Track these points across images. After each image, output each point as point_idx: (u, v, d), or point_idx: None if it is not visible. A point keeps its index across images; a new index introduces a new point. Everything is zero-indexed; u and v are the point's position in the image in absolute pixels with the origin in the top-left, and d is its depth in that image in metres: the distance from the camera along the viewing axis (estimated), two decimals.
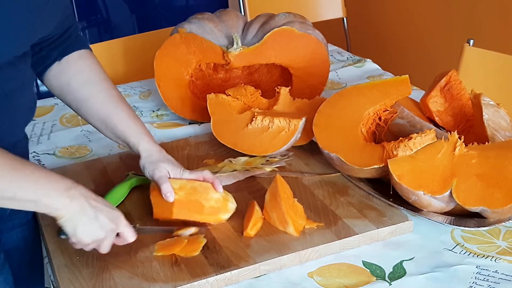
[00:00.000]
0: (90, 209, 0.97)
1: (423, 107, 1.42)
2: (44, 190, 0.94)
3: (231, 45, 1.56)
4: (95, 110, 1.18)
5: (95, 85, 1.18)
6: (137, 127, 1.17)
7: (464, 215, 1.14)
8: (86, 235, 0.98)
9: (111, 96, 1.18)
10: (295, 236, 1.10)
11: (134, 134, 1.16)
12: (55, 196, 0.94)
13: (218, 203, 1.13)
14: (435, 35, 2.88)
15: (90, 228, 0.98)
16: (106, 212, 0.99)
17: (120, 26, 3.68)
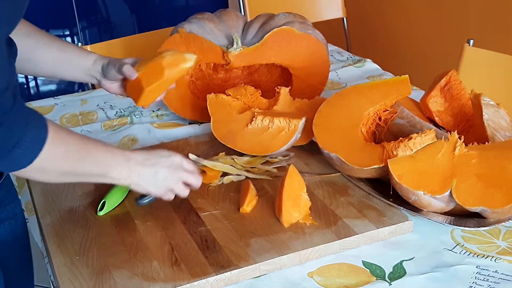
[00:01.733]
0: (148, 171, 1.07)
1: (423, 107, 1.42)
2: (109, 165, 1.03)
3: (231, 45, 1.56)
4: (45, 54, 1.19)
5: (37, 32, 1.19)
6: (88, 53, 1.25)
7: (464, 215, 1.14)
8: (156, 190, 1.10)
9: (53, 38, 1.22)
10: (295, 236, 1.10)
11: (89, 53, 1.24)
12: (117, 169, 1.04)
13: (174, 56, 1.22)
14: (435, 35, 2.87)
15: (156, 184, 1.08)
16: (163, 165, 1.09)
17: (120, 26, 3.68)
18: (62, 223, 1.18)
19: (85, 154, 0.99)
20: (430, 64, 2.89)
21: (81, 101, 1.79)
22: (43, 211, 1.22)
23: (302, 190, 1.16)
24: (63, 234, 1.14)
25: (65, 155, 0.96)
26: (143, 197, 1.15)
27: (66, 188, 1.29)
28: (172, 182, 1.10)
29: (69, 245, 1.11)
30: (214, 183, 1.28)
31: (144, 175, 1.07)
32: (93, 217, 1.19)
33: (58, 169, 0.97)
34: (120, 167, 1.04)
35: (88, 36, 3.57)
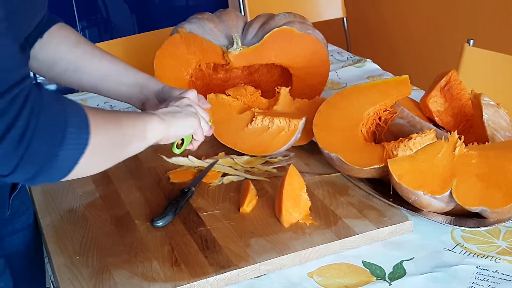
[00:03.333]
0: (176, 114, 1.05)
1: (423, 107, 1.42)
2: (144, 123, 0.98)
3: (231, 45, 1.56)
4: (95, 64, 1.16)
5: (87, 44, 1.17)
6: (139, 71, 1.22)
7: (464, 215, 1.14)
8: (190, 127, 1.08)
9: (103, 51, 1.19)
10: (295, 236, 1.10)
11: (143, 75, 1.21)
12: (151, 123, 0.99)
13: None
14: (435, 35, 2.88)
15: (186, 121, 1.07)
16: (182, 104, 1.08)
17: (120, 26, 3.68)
18: (62, 223, 1.18)
19: (120, 119, 0.93)
20: (430, 64, 2.89)
21: (81, 101, 1.79)
22: (43, 211, 1.22)
23: (302, 190, 1.16)
24: (63, 234, 1.14)
25: (107, 121, 0.88)
26: (159, 219, 1.14)
27: (66, 188, 1.29)
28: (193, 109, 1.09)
29: (69, 245, 1.11)
30: (214, 183, 1.28)
31: (171, 112, 1.05)
32: (93, 217, 1.19)
33: (109, 141, 0.88)
34: (151, 116, 1.00)
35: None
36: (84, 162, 0.82)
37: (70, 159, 0.80)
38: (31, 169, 0.77)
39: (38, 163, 0.77)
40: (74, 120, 0.80)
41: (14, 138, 0.73)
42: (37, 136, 0.75)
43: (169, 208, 1.17)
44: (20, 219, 1.19)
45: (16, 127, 0.73)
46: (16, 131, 0.73)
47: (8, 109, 0.73)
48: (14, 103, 0.74)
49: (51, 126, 0.77)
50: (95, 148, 0.83)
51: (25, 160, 0.75)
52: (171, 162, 1.36)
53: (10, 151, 0.74)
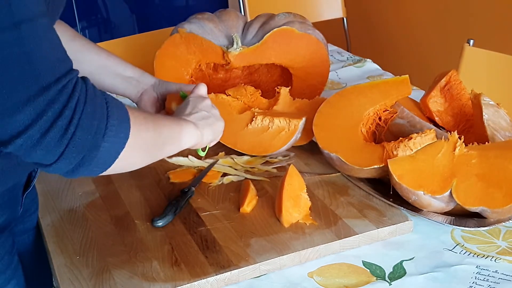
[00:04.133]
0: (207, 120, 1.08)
1: (423, 107, 1.42)
2: (178, 124, 1.01)
3: (231, 45, 1.56)
4: (92, 56, 1.19)
5: (83, 38, 1.20)
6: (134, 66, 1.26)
7: (464, 215, 1.14)
8: (218, 133, 1.12)
9: (99, 46, 1.23)
10: (295, 236, 1.10)
11: (138, 69, 1.25)
12: (186, 129, 1.02)
13: None
14: (435, 35, 2.88)
15: (215, 128, 1.10)
16: (204, 105, 1.11)
17: (120, 26, 3.68)
18: (62, 223, 1.18)
19: (156, 121, 0.95)
20: (430, 64, 2.89)
21: None
22: (43, 211, 1.22)
23: (302, 190, 1.16)
24: (63, 234, 1.14)
25: (146, 121, 0.90)
26: (159, 219, 1.14)
27: (66, 188, 1.29)
28: (216, 111, 1.13)
29: (69, 245, 1.11)
30: (214, 183, 1.28)
31: (202, 119, 1.07)
32: (93, 217, 1.19)
33: (147, 140, 0.90)
34: (185, 122, 1.03)
35: (88, 36, 3.57)
36: (124, 156, 0.84)
37: (111, 152, 0.82)
38: (75, 159, 0.79)
39: (82, 153, 0.79)
40: (116, 113, 0.82)
41: (61, 127, 0.76)
42: (82, 126, 0.77)
43: (169, 208, 1.17)
44: (31, 217, 1.20)
45: (64, 116, 0.76)
46: (64, 120, 0.76)
47: (58, 98, 0.75)
48: (63, 92, 0.76)
49: (95, 117, 0.79)
50: (135, 143, 0.85)
51: (70, 149, 0.77)
52: (171, 162, 1.36)
53: (57, 139, 0.76)
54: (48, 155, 0.78)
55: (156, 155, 0.96)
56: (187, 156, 1.35)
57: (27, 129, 0.75)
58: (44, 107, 0.75)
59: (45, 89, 0.75)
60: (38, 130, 0.75)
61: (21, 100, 0.74)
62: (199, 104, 1.11)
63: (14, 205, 1.09)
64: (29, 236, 1.21)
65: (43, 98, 0.74)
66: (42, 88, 0.74)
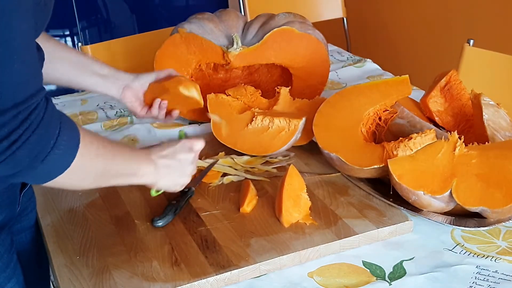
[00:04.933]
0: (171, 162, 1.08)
1: (423, 107, 1.42)
2: (137, 161, 1.03)
3: (231, 45, 1.56)
4: (66, 54, 1.21)
5: (55, 40, 1.21)
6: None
7: (464, 215, 1.14)
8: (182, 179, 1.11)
9: (71, 47, 1.26)
10: (295, 236, 1.10)
11: (111, 67, 1.27)
12: (145, 165, 1.04)
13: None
14: (435, 35, 2.87)
15: (182, 173, 1.10)
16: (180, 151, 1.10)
17: (120, 26, 3.68)
18: (62, 223, 1.18)
19: (115, 153, 0.99)
20: (430, 64, 2.89)
21: (81, 101, 1.79)
22: (43, 211, 1.22)
23: (302, 190, 1.16)
24: (63, 234, 1.14)
25: (97, 154, 0.94)
26: (159, 219, 1.14)
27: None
28: (191, 168, 1.12)
29: (69, 245, 1.11)
30: (214, 183, 1.28)
31: (168, 167, 1.07)
32: (93, 217, 1.19)
33: (93, 170, 0.94)
34: (147, 162, 1.04)
35: (88, 36, 3.57)
36: (60, 180, 0.88)
37: (47, 175, 0.87)
38: (10, 171, 0.84)
39: (17, 169, 0.83)
40: (64, 144, 0.85)
41: (3, 146, 0.80)
42: (23, 149, 0.81)
43: (169, 208, 1.17)
44: (28, 216, 1.20)
45: (8, 139, 0.79)
46: (6, 142, 0.79)
47: (10, 123, 0.79)
48: (17, 118, 0.79)
49: (39, 145, 0.83)
50: (76, 172, 0.89)
51: (6, 163, 0.81)
52: None
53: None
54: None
55: (101, 184, 1.00)
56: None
57: None
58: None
59: (2, 112, 0.78)
60: None
61: None
62: (179, 154, 1.10)
63: (12, 204, 1.09)
64: (27, 235, 1.21)
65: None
66: (0, 111, 0.78)
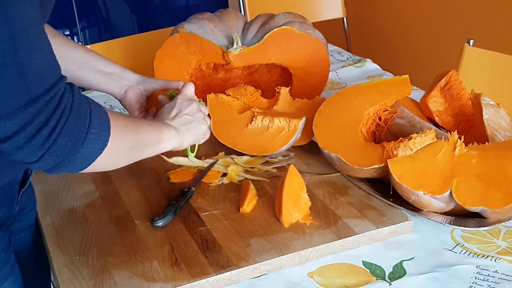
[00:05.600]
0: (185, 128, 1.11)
1: (423, 107, 1.42)
2: (159, 129, 1.06)
3: (231, 45, 1.56)
4: (71, 54, 1.20)
5: (62, 36, 1.20)
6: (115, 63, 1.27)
7: (464, 215, 1.14)
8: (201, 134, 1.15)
9: (78, 44, 1.25)
10: (295, 236, 1.10)
11: (119, 65, 1.26)
12: (167, 130, 1.07)
13: None
14: (435, 35, 2.87)
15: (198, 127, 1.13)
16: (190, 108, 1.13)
17: (120, 26, 3.68)
18: (62, 223, 1.18)
19: (139, 124, 1.01)
20: (430, 64, 2.89)
21: None
22: (43, 211, 1.22)
23: (302, 190, 1.16)
24: (63, 234, 1.14)
25: (126, 128, 0.96)
26: (159, 219, 1.15)
27: (66, 188, 1.29)
28: (201, 114, 1.15)
29: (69, 245, 1.11)
30: (214, 183, 1.28)
31: (185, 124, 1.10)
32: (93, 217, 1.19)
33: (125, 144, 0.96)
34: (167, 127, 1.07)
35: (88, 36, 3.57)
36: (101, 160, 0.89)
37: (89, 156, 0.88)
38: (54, 160, 0.84)
39: (61, 156, 0.84)
40: (97, 122, 0.87)
41: (45, 135, 0.81)
42: (64, 134, 0.82)
43: (169, 208, 1.17)
44: (27, 216, 1.20)
45: (49, 125, 0.81)
46: (48, 129, 0.81)
47: (45, 109, 0.80)
48: (50, 103, 0.81)
49: (76, 126, 0.84)
50: (113, 149, 0.91)
51: (50, 153, 0.82)
52: (171, 162, 1.36)
53: (39, 144, 0.81)
54: (30, 157, 0.83)
55: (134, 158, 1.01)
56: (187, 156, 1.35)
57: (13, 135, 0.80)
58: (32, 117, 0.79)
59: (34, 100, 0.79)
60: (24, 136, 0.80)
61: (11, 110, 0.78)
62: (184, 107, 1.13)
63: (10, 203, 1.09)
64: (26, 235, 1.21)
65: (32, 109, 0.79)
66: (32, 100, 0.79)
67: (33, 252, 1.24)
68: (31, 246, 1.23)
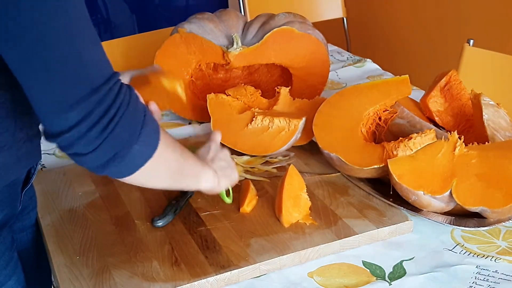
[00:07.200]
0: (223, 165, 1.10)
1: (423, 107, 1.42)
2: (201, 166, 1.04)
3: (231, 45, 1.56)
4: None
5: None
6: None
7: (464, 215, 1.14)
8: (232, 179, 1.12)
9: None
10: (295, 236, 1.10)
11: None
12: (206, 170, 1.05)
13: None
14: (435, 35, 2.87)
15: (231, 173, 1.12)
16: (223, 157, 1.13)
17: (120, 26, 3.68)
18: (62, 223, 1.18)
19: (183, 150, 0.99)
20: (430, 64, 2.89)
21: None
22: (43, 211, 1.22)
23: (302, 190, 1.16)
24: (63, 234, 1.14)
25: (173, 147, 0.94)
26: (159, 219, 1.15)
27: (66, 188, 1.29)
28: (232, 160, 1.15)
29: (69, 245, 1.11)
30: None
31: (220, 168, 1.09)
32: (93, 217, 1.19)
33: (168, 169, 0.94)
34: (206, 167, 1.05)
35: None
36: (150, 166, 0.88)
37: (141, 155, 0.87)
38: (108, 153, 0.84)
39: (116, 149, 0.84)
40: (150, 122, 0.87)
41: (104, 123, 0.81)
42: (122, 124, 0.83)
43: (169, 208, 1.17)
44: (29, 215, 1.20)
45: (109, 114, 0.81)
46: (107, 118, 0.81)
47: (106, 98, 0.81)
48: (110, 93, 0.82)
49: (134, 118, 0.85)
50: (161, 158, 0.89)
51: (107, 142, 0.82)
52: None
53: (98, 133, 0.81)
54: (88, 147, 0.83)
55: (176, 181, 0.99)
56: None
57: (77, 125, 0.80)
58: (94, 106, 0.80)
59: (96, 89, 0.80)
60: (86, 126, 0.80)
61: (74, 100, 0.79)
62: (219, 153, 1.13)
63: (13, 202, 1.09)
64: (28, 234, 1.21)
65: (94, 99, 0.80)
66: (94, 89, 0.80)
67: (34, 252, 1.24)
68: (32, 246, 1.23)
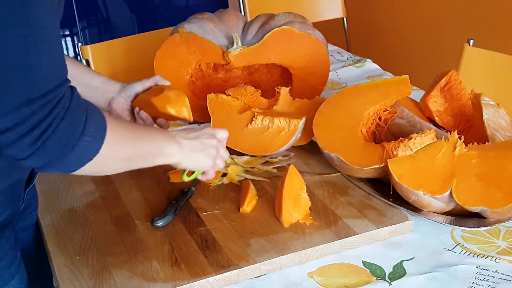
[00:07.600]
0: (195, 143, 1.09)
1: (423, 107, 1.42)
2: (162, 142, 1.04)
3: (231, 45, 1.56)
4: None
5: None
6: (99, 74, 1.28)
7: (464, 215, 1.14)
8: (206, 161, 1.11)
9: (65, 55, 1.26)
10: (295, 236, 1.10)
11: (103, 77, 1.26)
12: (170, 145, 1.04)
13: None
14: (435, 35, 2.87)
15: (205, 154, 1.10)
16: (205, 136, 1.11)
17: (120, 26, 3.68)
18: (62, 223, 1.18)
19: (140, 135, 1.00)
20: (430, 64, 2.89)
21: None
22: (43, 211, 1.22)
23: (302, 190, 1.16)
24: (63, 234, 1.14)
25: (124, 138, 0.95)
26: (159, 219, 1.15)
27: (66, 188, 1.29)
28: (215, 152, 1.12)
29: (69, 245, 1.11)
30: (214, 183, 1.28)
31: (192, 147, 1.08)
32: (93, 217, 1.19)
33: (121, 154, 0.95)
34: (171, 143, 1.05)
35: (88, 36, 3.57)
36: (92, 165, 0.89)
37: (77, 161, 0.88)
38: (42, 160, 0.85)
39: (48, 158, 0.85)
40: (92, 131, 0.87)
41: (34, 136, 0.82)
42: (53, 138, 0.83)
43: (169, 208, 1.17)
44: (31, 215, 1.20)
45: (39, 127, 0.82)
46: (38, 131, 0.82)
47: (40, 111, 0.81)
48: (46, 106, 0.82)
49: (68, 133, 0.85)
50: (105, 157, 0.91)
51: (38, 153, 0.83)
52: None
53: (29, 143, 0.82)
54: (20, 153, 0.84)
55: (129, 167, 1.00)
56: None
57: (6, 131, 0.81)
58: (27, 116, 0.80)
59: (32, 101, 0.80)
60: (16, 134, 0.81)
61: (8, 107, 0.80)
62: (203, 137, 1.11)
63: (16, 201, 1.10)
64: (29, 234, 1.22)
65: (28, 109, 0.80)
66: (30, 100, 0.80)
67: (36, 251, 1.24)
68: (34, 245, 1.24)
